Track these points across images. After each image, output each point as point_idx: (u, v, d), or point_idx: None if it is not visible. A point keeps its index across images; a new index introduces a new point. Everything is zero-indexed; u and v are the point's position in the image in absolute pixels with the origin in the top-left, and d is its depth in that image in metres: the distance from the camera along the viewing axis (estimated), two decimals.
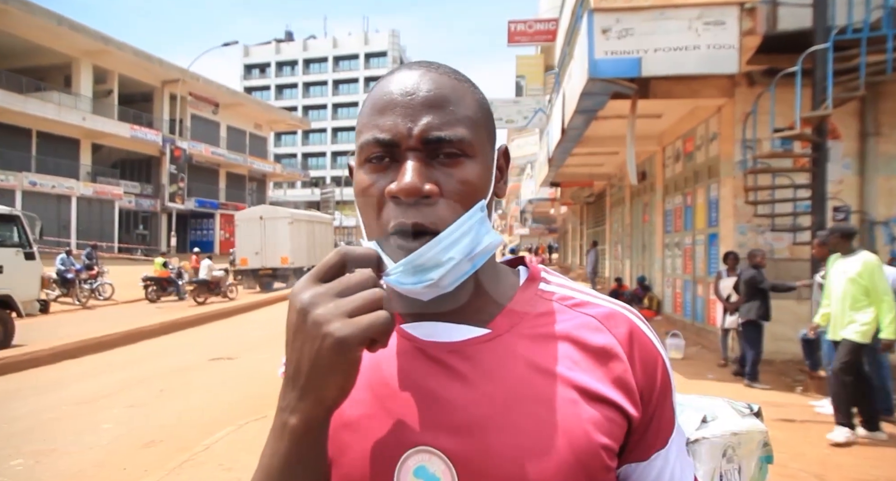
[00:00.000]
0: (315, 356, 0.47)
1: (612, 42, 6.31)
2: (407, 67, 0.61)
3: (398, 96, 0.58)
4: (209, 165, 34.76)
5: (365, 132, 0.59)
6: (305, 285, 0.50)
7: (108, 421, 4.96)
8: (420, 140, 0.56)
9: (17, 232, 8.30)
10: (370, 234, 0.59)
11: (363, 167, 0.59)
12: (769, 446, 0.96)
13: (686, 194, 9.38)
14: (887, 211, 7.01)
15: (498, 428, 0.55)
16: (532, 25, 17.21)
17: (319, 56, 66.45)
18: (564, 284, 0.66)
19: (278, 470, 0.50)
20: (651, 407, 0.59)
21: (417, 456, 0.55)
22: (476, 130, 0.59)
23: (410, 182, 0.54)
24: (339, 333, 0.46)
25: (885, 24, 5.76)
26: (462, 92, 0.60)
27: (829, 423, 4.76)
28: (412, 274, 0.55)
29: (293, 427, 0.49)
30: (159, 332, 9.79)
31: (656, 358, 0.61)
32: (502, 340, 0.59)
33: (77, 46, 25.62)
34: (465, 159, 0.58)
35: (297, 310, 0.48)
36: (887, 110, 7.01)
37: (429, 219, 0.55)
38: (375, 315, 0.47)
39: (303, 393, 0.48)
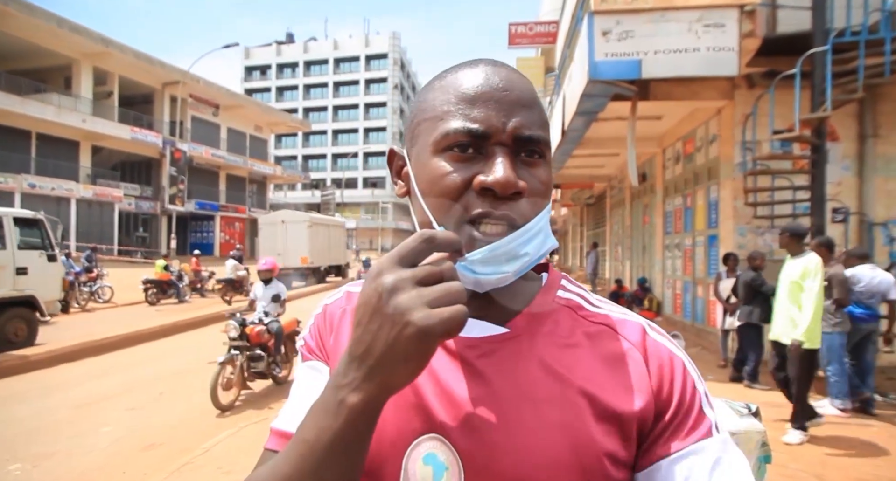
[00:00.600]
0: (393, 342, 0.46)
1: (612, 44, 6.33)
2: (491, 63, 0.62)
3: (491, 90, 0.58)
4: (209, 167, 34.78)
5: (449, 120, 0.58)
6: (388, 267, 0.48)
7: (108, 424, 4.96)
8: (512, 136, 0.57)
9: (39, 235, 8.64)
10: (440, 221, 0.58)
11: (442, 154, 0.58)
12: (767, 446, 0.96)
13: (686, 196, 9.39)
14: (886, 212, 7.02)
15: (506, 426, 0.55)
16: (533, 28, 17.24)
17: (320, 58, 66.52)
18: (581, 293, 0.67)
19: (325, 446, 0.49)
20: (671, 411, 0.57)
21: (428, 443, 0.57)
22: (548, 134, 0.61)
23: (507, 176, 0.55)
24: (422, 323, 0.45)
25: (883, 27, 5.78)
26: (538, 97, 0.62)
27: (828, 423, 4.76)
28: (489, 264, 0.56)
29: (352, 405, 0.48)
30: (159, 335, 9.79)
31: (673, 360, 0.60)
32: (520, 341, 0.60)
33: (77, 48, 25.65)
34: (543, 161, 0.60)
35: (379, 292, 0.47)
36: (885, 112, 7.03)
37: (514, 214, 0.56)
38: (456, 309, 0.46)
39: (370, 374, 0.47)
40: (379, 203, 62.17)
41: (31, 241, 8.41)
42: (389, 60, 64.36)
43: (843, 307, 5.10)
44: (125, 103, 29.42)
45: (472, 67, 0.61)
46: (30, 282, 8.23)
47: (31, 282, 8.24)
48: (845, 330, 5.17)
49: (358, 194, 63.24)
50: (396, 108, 64.76)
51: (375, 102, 65.17)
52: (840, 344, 5.10)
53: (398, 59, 64.96)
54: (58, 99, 25.33)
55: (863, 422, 4.87)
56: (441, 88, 0.61)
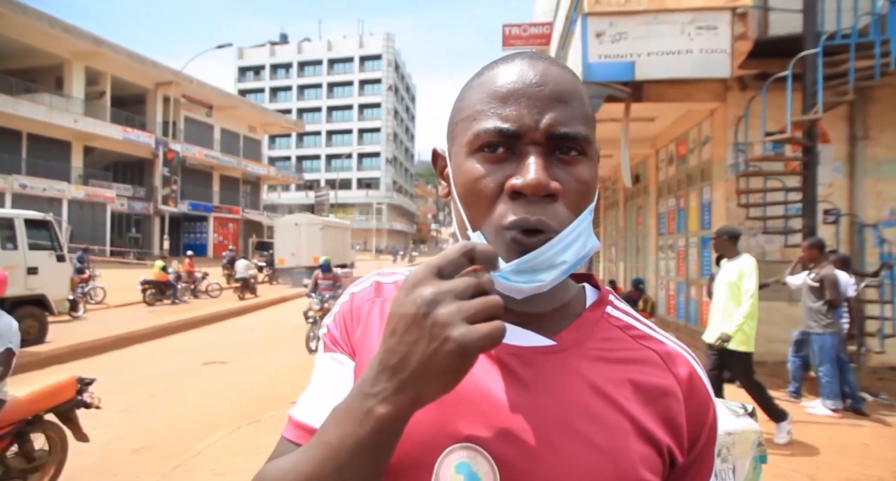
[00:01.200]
0: (430, 356, 0.45)
1: (605, 46, 6.35)
2: (528, 57, 0.59)
3: (524, 86, 0.55)
4: (203, 168, 34.62)
5: (482, 119, 0.56)
6: (426, 278, 0.47)
7: (99, 427, 4.91)
8: (546, 134, 0.54)
9: (49, 236, 8.96)
10: (476, 226, 0.57)
11: (475, 155, 0.56)
12: (763, 446, 0.97)
13: (679, 197, 9.44)
14: (876, 213, 7.08)
15: (549, 442, 0.54)
16: (527, 29, 17.27)
17: (314, 59, 66.41)
18: (629, 312, 0.65)
19: (349, 452, 0.48)
20: (694, 453, 0.59)
21: (462, 451, 0.54)
22: (592, 129, 0.58)
23: (538, 178, 0.52)
24: (462, 340, 0.44)
25: (873, 30, 5.83)
26: (581, 89, 0.58)
27: (820, 423, 4.80)
28: (524, 273, 0.53)
29: (380, 415, 0.47)
30: (151, 336, 9.73)
31: (708, 406, 0.60)
32: (566, 355, 0.58)
33: (69, 48, 25.47)
34: (583, 158, 0.56)
35: (417, 304, 0.46)
36: (876, 114, 7.09)
37: (549, 218, 0.53)
38: (495, 324, 0.45)
39: (402, 387, 0.46)
40: (373, 204, 62.10)
41: (40, 242, 8.71)
42: (383, 61, 64.33)
43: (836, 308, 5.14)
44: (117, 103, 29.24)
45: (507, 63, 0.59)
46: (40, 282, 8.49)
47: (41, 282, 8.51)
48: (836, 331, 5.21)
49: (352, 195, 63.15)
50: (391, 109, 64.74)
51: (369, 103, 65.12)
52: (832, 344, 5.14)
53: (392, 60, 64.93)
54: (49, 99, 25.14)
55: (854, 423, 4.90)
56: (477, 87, 0.59)
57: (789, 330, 6.23)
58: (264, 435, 4.55)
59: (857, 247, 7.10)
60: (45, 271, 8.65)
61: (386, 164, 64.40)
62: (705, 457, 0.60)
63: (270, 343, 9.42)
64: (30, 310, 8.30)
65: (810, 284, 5.29)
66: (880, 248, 6.89)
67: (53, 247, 8.95)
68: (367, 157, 65.53)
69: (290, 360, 7.70)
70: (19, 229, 8.38)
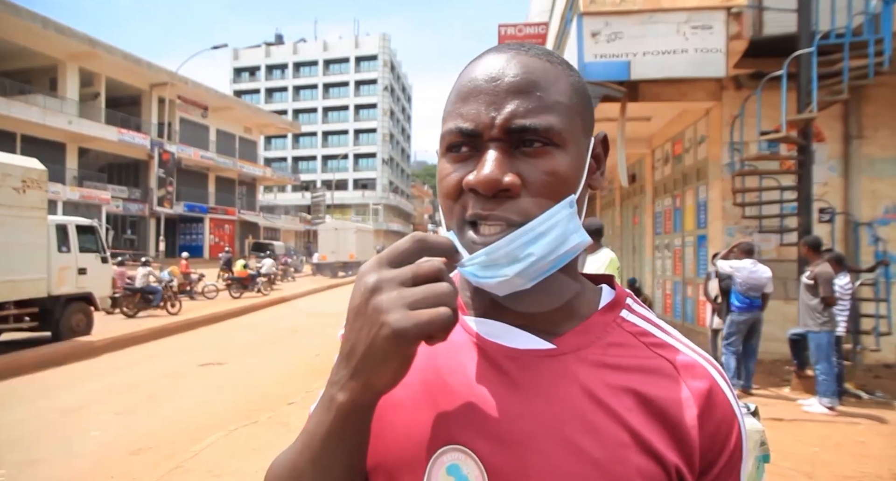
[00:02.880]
0: (370, 342, 0.46)
1: (601, 45, 6.37)
2: (496, 50, 0.58)
3: (482, 82, 0.55)
4: (198, 169, 34.50)
5: (448, 120, 0.57)
6: (374, 267, 0.48)
7: (96, 429, 4.90)
8: (503, 129, 0.53)
9: (94, 240, 9.96)
10: (448, 224, 0.58)
11: (445, 156, 0.57)
12: (766, 445, 0.96)
13: (675, 196, 9.46)
14: (871, 212, 7.11)
15: (539, 449, 0.52)
16: (522, 29, 17.29)
17: (310, 59, 66.29)
18: (648, 318, 0.61)
19: (320, 439, 0.51)
20: (713, 474, 0.54)
21: (453, 453, 0.54)
22: (569, 117, 0.55)
23: (489, 173, 0.51)
24: (397, 325, 0.44)
25: (867, 29, 5.86)
26: (555, 75, 0.56)
27: (817, 421, 4.82)
28: (487, 267, 0.53)
29: (340, 403, 0.48)
30: (148, 338, 9.69)
31: (732, 424, 0.55)
32: (565, 360, 0.56)
33: (63, 49, 25.34)
34: (553, 149, 0.54)
35: (361, 292, 0.47)
36: (870, 113, 7.13)
37: (509, 213, 0.52)
38: (437, 311, 0.45)
39: (354, 374, 0.47)
40: (369, 204, 62.03)
41: (87, 246, 9.72)
42: (379, 62, 64.27)
43: (831, 306, 5.16)
44: (112, 105, 29.11)
45: (477, 60, 0.58)
46: (88, 281, 9.50)
47: (88, 281, 9.51)
48: (833, 329, 5.23)
49: (348, 196, 63.04)
50: (386, 110, 64.68)
51: (365, 104, 65.04)
52: (828, 342, 5.16)
53: (388, 60, 64.89)
54: (43, 100, 25.00)
55: (851, 420, 4.92)
56: (453, 88, 0.59)
57: (785, 328, 6.26)
58: (262, 437, 4.54)
59: (852, 245, 7.13)
60: (92, 272, 9.60)
61: (382, 165, 64.33)
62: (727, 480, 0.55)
63: (268, 344, 9.40)
64: (80, 305, 9.30)
65: (805, 282, 5.32)
66: (875, 247, 6.92)
67: (98, 250, 9.93)
68: (363, 158, 65.45)
69: (288, 361, 7.68)
70: (71, 234, 9.36)
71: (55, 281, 8.77)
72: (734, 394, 0.58)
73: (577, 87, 0.58)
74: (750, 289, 5.67)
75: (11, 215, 7.80)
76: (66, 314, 8.93)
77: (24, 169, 8.14)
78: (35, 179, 8.28)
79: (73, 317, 9.09)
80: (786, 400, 5.54)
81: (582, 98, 0.58)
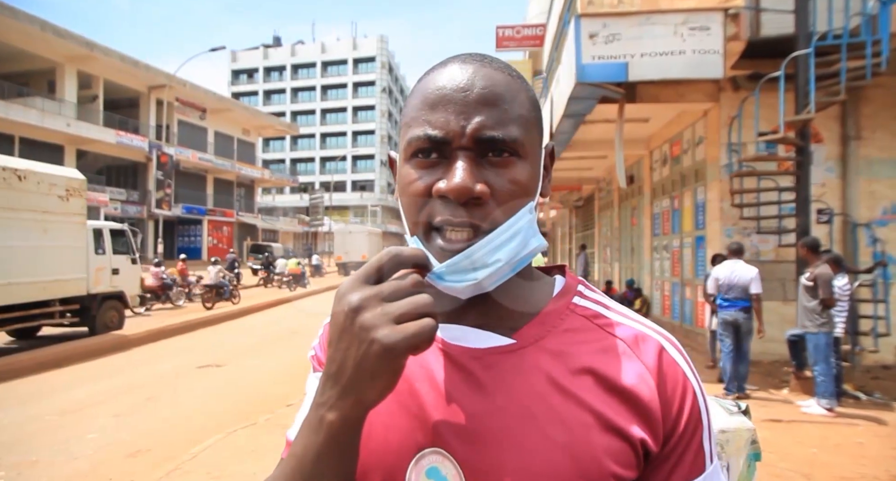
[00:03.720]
0: (360, 360, 0.47)
1: (599, 47, 6.37)
2: (460, 60, 0.59)
3: (451, 91, 0.56)
4: (196, 171, 34.48)
5: (414, 126, 0.57)
6: (354, 286, 0.49)
7: (94, 431, 4.88)
8: (472, 139, 0.55)
9: (125, 243, 10.81)
10: (412, 230, 0.58)
11: (409, 161, 0.58)
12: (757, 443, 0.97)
13: (673, 197, 9.47)
14: (869, 213, 7.13)
15: (509, 443, 0.54)
16: (520, 31, 17.31)
17: (308, 61, 66.30)
18: (599, 300, 0.64)
19: (311, 461, 0.50)
20: (674, 440, 0.56)
21: (432, 456, 0.55)
22: (528, 130, 0.58)
23: (461, 182, 0.53)
24: (387, 340, 0.45)
25: (864, 30, 5.87)
26: (516, 89, 0.58)
27: (815, 422, 4.82)
28: (456, 272, 0.54)
29: (330, 422, 0.49)
30: (146, 340, 9.67)
31: (686, 388, 0.57)
32: (525, 353, 0.58)
33: (61, 52, 25.33)
34: (515, 159, 0.56)
35: (345, 312, 0.48)
36: (868, 114, 7.14)
37: (477, 219, 0.54)
38: (422, 322, 0.46)
39: (343, 393, 0.48)
40: (367, 206, 62.03)
41: (119, 248, 10.56)
42: (377, 64, 64.31)
43: (830, 307, 5.17)
44: (110, 107, 29.08)
45: (441, 68, 0.59)
46: (120, 281, 10.33)
47: (121, 281, 10.36)
48: (831, 330, 5.23)
49: (346, 197, 63.04)
50: (385, 112, 64.71)
51: (363, 106, 65.07)
52: (826, 343, 5.16)
53: (386, 62, 64.93)
54: (41, 103, 24.98)
55: (849, 422, 4.92)
56: (415, 93, 0.60)
57: (784, 329, 6.26)
58: (260, 439, 4.52)
59: (850, 246, 7.14)
60: (124, 272, 10.50)
61: (380, 166, 64.33)
62: (688, 447, 0.56)
63: (267, 345, 9.38)
64: (113, 303, 10.09)
65: (805, 284, 5.32)
66: (873, 248, 6.93)
67: (129, 252, 10.81)
68: (361, 160, 65.45)
69: (287, 363, 7.66)
70: (106, 237, 10.22)
71: (93, 280, 9.59)
72: (686, 361, 0.60)
73: (533, 100, 0.61)
74: (729, 289, 5.75)
75: (57, 221, 8.62)
76: (101, 311, 9.74)
77: (67, 179, 8.92)
78: (76, 188, 9.10)
79: (108, 314, 9.97)
80: (784, 402, 5.54)
81: (537, 111, 0.61)
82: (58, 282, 8.70)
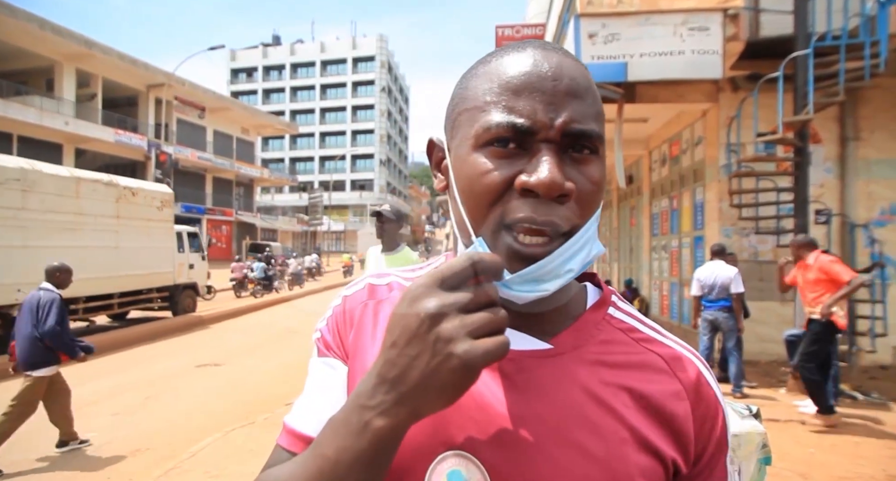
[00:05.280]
0: (432, 372, 0.43)
1: (598, 47, 6.38)
2: (541, 47, 0.55)
3: (539, 79, 0.52)
4: (195, 170, 34.44)
5: (492, 111, 0.52)
6: (430, 290, 0.45)
7: (92, 430, 4.88)
8: (561, 132, 0.51)
9: (197, 243, 13.45)
10: (477, 227, 0.54)
11: (482, 149, 0.53)
12: (768, 447, 0.97)
13: (672, 197, 9.48)
14: (867, 214, 7.14)
15: (543, 451, 0.51)
16: (520, 30, 17.32)
17: (307, 60, 66.24)
18: (633, 314, 0.62)
19: (347, 466, 0.46)
20: (702, 463, 0.56)
21: (454, 459, 0.53)
22: (603, 127, 0.55)
23: (552, 177, 0.49)
24: (466, 357, 0.42)
25: (863, 31, 5.88)
26: (593, 85, 0.55)
27: (812, 422, 4.82)
28: (527, 282, 0.51)
29: (378, 428, 0.45)
30: (145, 339, 9.67)
31: (717, 412, 0.57)
32: (563, 360, 0.56)
33: (60, 50, 25.29)
34: (595, 157, 0.54)
35: (420, 317, 0.44)
36: (866, 115, 7.15)
37: (559, 220, 0.51)
38: (499, 340, 0.43)
39: (401, 400, 0.44)
40: (367, 205, 62.00)
41: (194, 247, 13.21)
42: (377, 63, 64.27)
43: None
44: (109, 106, 29.04)
45: (519, 52, 0.55)
46: (194, 274, 13.01)
47: (195, 274, 13.04)
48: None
49: (346, 197, 63.01)
50: (384, 111, 64.68)
51: (363, 105, 65.03)
52: None
53: (385, 61, 64.88)
54: (40, 101, 24.94)
55: (846, 422, 4.93)
56: (485, 75, 0.55)
57: (781, 329, 6.27)
58: (258, 438, 4.53)
59: (848, 247, 7.16)
60: (196, 267, 13.15)
61: (379, 166, 64.31)
62: (715, 468, 0.56)
63: (265, 345, 9.38)
64: (189, 292, 12.77)
65: None
66: (871, 248, 6.95)
67: (199, 250, 13.48)
68: (360, 159, 65.41)
69: (285, 362, 7.67)
70: (185, 238, 12.81)
71: (176, 273, 12.10)
72: (717, 384, 0.59)
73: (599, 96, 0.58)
74: (711, 290, 5.89)
75: (154, 227, 11.19)
76: (181, 298, 12.31)
77: (161, 193, 11.82)
78: (167, 200, 11.87)
79: (186, 300, 12.54)
80: (781, 402, 5.55)
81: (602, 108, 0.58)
82: (156, 275, 11.28)
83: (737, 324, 5.87)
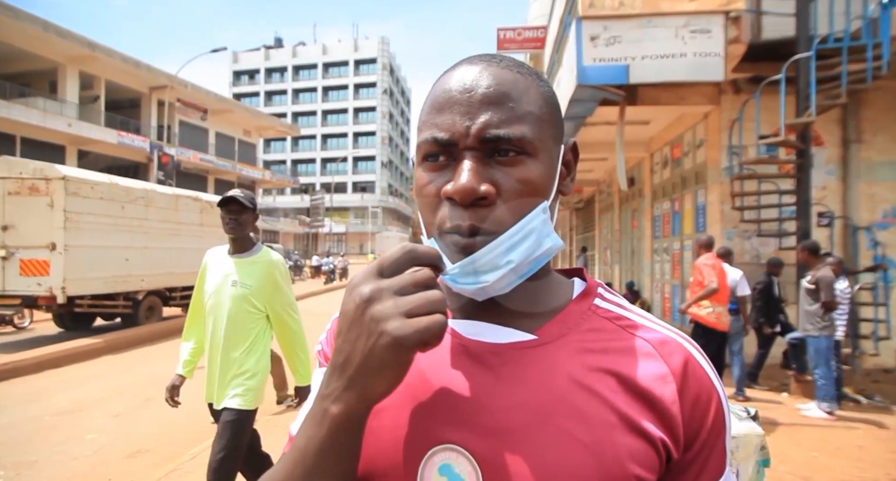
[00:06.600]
0: (368, 352, 0.46)
1: (600, 49, 6.38)
2: (468, 62, 0.59)
3: (457, 93, 0.56)
4: (197, 172, 34.51)
5: (424, 130, 0.57)
6: (366, 278, 0.49)
7: (93, 432, 4.88)
8: (478, 139, 0.54)
9: None
10: (429, 232, 0.58)
11: (421, 165, 0.58)
12: (766, 449, 0.96)
13: (674, 200, 9.47)
14: (869, 216, 7.12)
15: (530, 440, 0.53)
16: (521, 33, 17.33)
17: (309, 62, 66.41)
18: (620, 303, 0.63)
19: (313, 454, 0.50)
20: (697, 446, 0.56)
21: (445, 453, 0.54)
22: (539, 127, 0.57)
23: (466, 183, 0.53)
24: (397, 333, 0.45)
25: (865, 33, 5.88)
26: (525, 86, 0.57)
27: (815, 425, 4.81)
28: (468, 274, 0.54)
29: (334, 415, 0.48)
30: (146, 341, 9.67)
31: (711, 394, 0.57)
32: (547, 349, 0.57)
33: (63, 52, 25.38)
34: (525, 158, 0.55)
35: (356, 303, 0.48)
36: (868, 118, 7.14)
37: (485, 222, 0.54)
38: (433, 318, 0.46)
39: (349, 385, 0.48)
40: (368, 207, 62.05)
41: None
42: (378, 65, 64.40)
43: (832, 310, 5.16)
44: (112, 107, 29.13)
45: (450, 72, 0.59)
46: None
47: None
48: (832, 333, 5.22)
49: (347, 198, 63.07)
50: (385, 113, 64.77)
51: (364, 107, 65.15)
52: (827, 347, 5.15)
53: (387, 63, 65.01)
54: (43, 103, 25.02)
55: (849, 425, 4.92)
56: (427, 97, 0.60)
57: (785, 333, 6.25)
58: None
59: (850, 249, 7.14)
60: None
61: (381, 168, 64.38)
62: (711, 453, 0.56)
63: None
64: None
65: (806, 287, 5.32)
66: (874, 251, 6.93)
67: None
68: (362, 161, 65.50)
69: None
70: None
71: None
72: (711, 367, 0.59)
73: (548, 97, 0.60)
74: None
75: (200, 230, 12.18)
76: None
77: (204, 200, 12.58)
78: (210, 205, 12.53)
79: None
80: (784, 405, 5.54)
81: (552, 107, 0.60)
82: None
83: (742, 326, 5.83)
